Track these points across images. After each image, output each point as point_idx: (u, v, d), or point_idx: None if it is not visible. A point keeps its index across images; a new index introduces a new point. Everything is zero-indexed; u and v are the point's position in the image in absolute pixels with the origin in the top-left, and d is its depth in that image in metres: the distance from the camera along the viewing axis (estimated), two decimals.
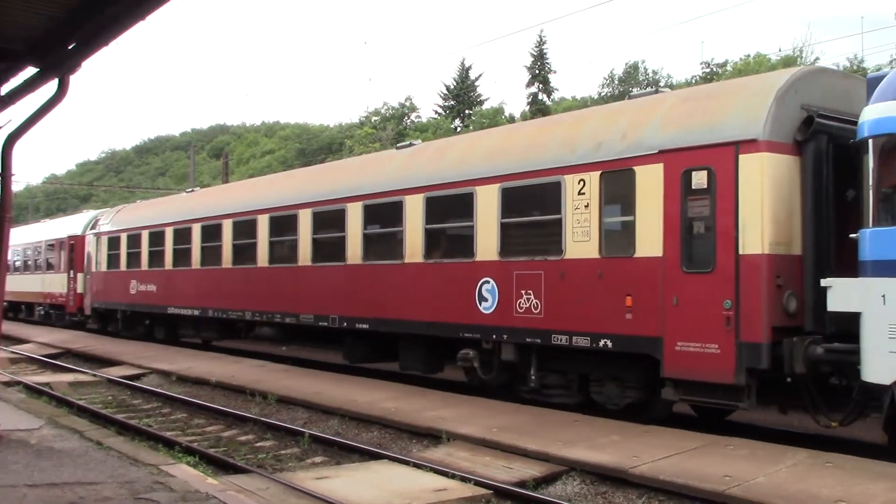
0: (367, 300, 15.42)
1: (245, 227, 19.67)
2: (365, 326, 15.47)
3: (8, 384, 16.17)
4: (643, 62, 79.02)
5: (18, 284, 36.95)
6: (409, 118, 76.41)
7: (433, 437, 11.01)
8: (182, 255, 22.63)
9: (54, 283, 32.92)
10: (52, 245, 33.92)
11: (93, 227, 29.61)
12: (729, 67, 53.49)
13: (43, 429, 10.45)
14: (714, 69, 53.40)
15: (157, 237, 24.25)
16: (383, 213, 15.46)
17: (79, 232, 30.94)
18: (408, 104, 77.51)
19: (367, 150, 52.30)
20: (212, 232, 21.14)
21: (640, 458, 9.00)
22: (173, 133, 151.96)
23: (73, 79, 9.23)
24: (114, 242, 27.34)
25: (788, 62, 44.60)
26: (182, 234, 22.68)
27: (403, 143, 17.07)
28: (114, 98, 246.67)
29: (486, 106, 73.43)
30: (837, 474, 8.15)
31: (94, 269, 28.76)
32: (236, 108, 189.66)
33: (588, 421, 11.21)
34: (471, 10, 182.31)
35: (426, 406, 12.67)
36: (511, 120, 62.25)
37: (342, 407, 12.97)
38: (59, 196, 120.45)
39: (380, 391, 14.25)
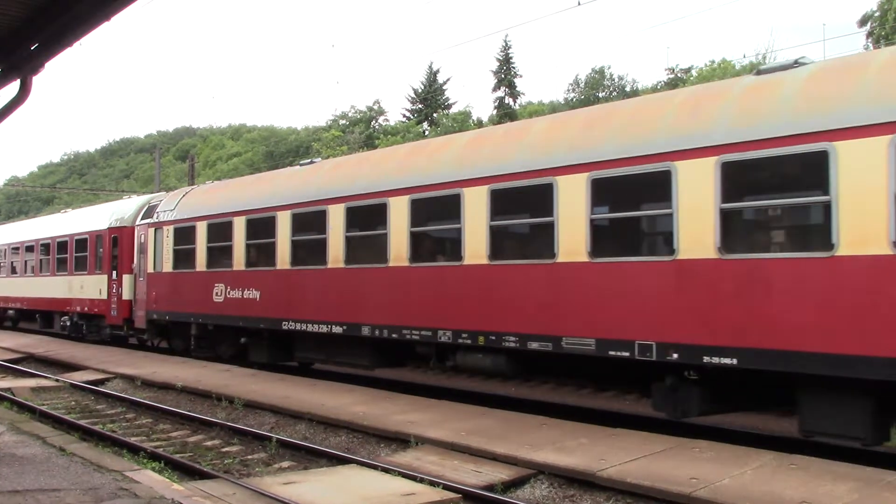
0: (729, 318, 9.52)
1: (437, 208, 13.59)
2: (727, 361, 9.53)
3: None
4: (609, 67, 79.73)
5: (29, 289, 31.18)
6: (376, 121, 76.39)
7: (402, 441, 10.98)
8: (310, 250, 16.45)
9: (87, 287, 26.23)
10: (82, 240, 27.12)
11: (147, 216, 22.96)
12: (694, 73, 54.14)
13: (4, 435, 10.28)
14: (679, 75, 54.01)
15: (261, 226, 17.77)
16: (771, 175, 9.64)
17: (126, 222, 24.71)
18: (376, 107, 77.53)
19: (334, 154, 52.10)
20: (368, 216, 14.92)
21: (608, 460, 9.05)
22: (138, 135, 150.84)
23: (36, 79, 9.14)
24: (184, 234, 20.67)
25: (754, 68, 45.19)
26: (309, 221, 16.38)
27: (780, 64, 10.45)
28: (77, 99, 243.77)
29: (453, 110, 73.67)
30: (802, 476, 8.24)
31: (150, 269, 22.24)
32: (202, 111, 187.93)
33: (556, 424, 11.24)
34: (438, 15, 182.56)
35: (395, 410, 12.64)
36: (479, 124, 62.42)
37: (310, 411, 12.90)
38: (20, 199, 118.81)
39: (348, 395, 14.19)
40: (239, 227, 18.44)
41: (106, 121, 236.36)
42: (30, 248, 31.68)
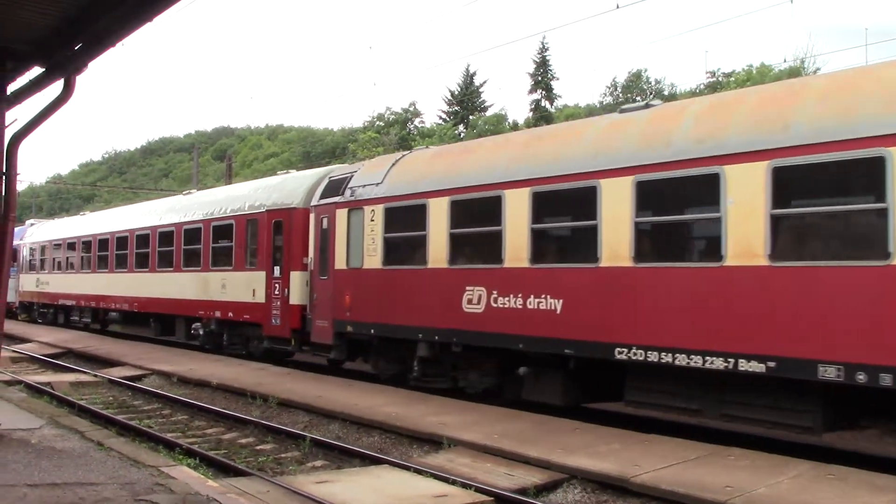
0: None
1: None
2: None
3: (9, 383, 16.18)
4: (646, 71, 79.08)
5: (142, 288, 25.48)
6: (412, 123, 76.53)
7: (434, 442, 10.99)
8: (675, 237, 11.21)
9: (232, 287, 20.52)
10: (224, 226, 21.26)
11: (331, 194, 17.16)
12: (734, 77, 53.53)
13: (44, 428, 10.45)
14: (720, 79, 53.42)
15: (564, 202, 12.32)
16: None
17: (295, 203, 18.69)
18: (412, 109, 77.63)
19: (371, 155, 52.30)
20: (828, 179, 9.36)
21: (642, 466, 8.99)
22: (177, 135, 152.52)
23: (80, 79, 9.27)
24: (405, 216, 14.93)
25: (793, 73, 44.64)
26: (675, 193, 10.84)
27: None
28: (118, 99, 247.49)
29: (489, 112, 73.59)
30: (839, 486, 8.12)
31: (339, 265, 16.49)
32: (240, 111, 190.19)
33: (589, 429, 11.19)
34: (475, 17, 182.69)
35: (427, 411, 12.65)
36: (515, 127, 62.35)
37: (343, 411, 12.96)
38: (62, 196, 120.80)
39: (381, 396, 14.22)
40: (516, 204, 12.55)
41: (146, 120, 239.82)
42: (142, 238, 25.81)
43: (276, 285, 18.81)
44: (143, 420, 13.61)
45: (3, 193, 9.57)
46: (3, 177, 9.56)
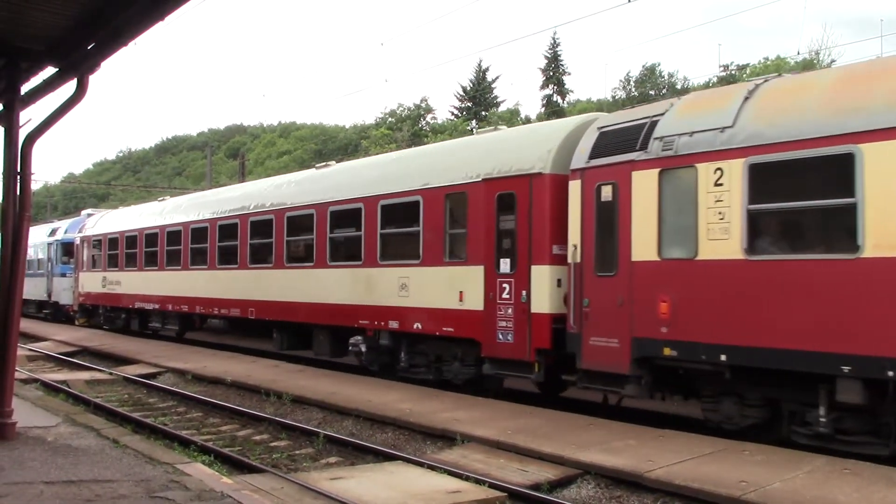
0: None
1: None
2: None
3: (26, 381, 16.27)
4: (659, 65, 78.78)
5: (261, 288, 19.99)
6: (424, 119, 76.46)
7: (448, 438, 11.00)
8: None
9: (422, 289, 15.00)
10: (402, 205, 15.75)
11: (620, 148, 11.56)
12: (748, 71, 53.28)
13: (60, 426, 10.53)
14: (733, 72, 53.18)
15: None
16: None
17: (538, 167, 12.95)
18: (424, 105, 77.57)
19: (383, 151, 52.29)
20: None
21: (656, 462, 8.97)
22: (191, 133, 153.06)
23: (93, 78, 9.32)
24: (790, 175, 9.58)
25: (808, 66, 44.35)
26: None
27: None
28: (132, 98, 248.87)
29: (501, 108, 73.49)
30: (855, 481, 8.08)
31: (640, 256, 11.16)
32: (253, 109, 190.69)
33: (603, 424, 11.17)
34: (487, 13, 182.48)
35: (441, 408, 12.66)
36: (528, 121, 62.22)
37: (357, 408, 12.98)
38: (76, 195, 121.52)
39: (395, 392, 14.24)
40: None
41: (159, 119, 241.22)
42: (261, 225, 20.25)
43: (506, 286, 13.41)
44: (158, 417, 13.68)
45: (18, 193, 9.63)
46: (18, 176, 9.62)
